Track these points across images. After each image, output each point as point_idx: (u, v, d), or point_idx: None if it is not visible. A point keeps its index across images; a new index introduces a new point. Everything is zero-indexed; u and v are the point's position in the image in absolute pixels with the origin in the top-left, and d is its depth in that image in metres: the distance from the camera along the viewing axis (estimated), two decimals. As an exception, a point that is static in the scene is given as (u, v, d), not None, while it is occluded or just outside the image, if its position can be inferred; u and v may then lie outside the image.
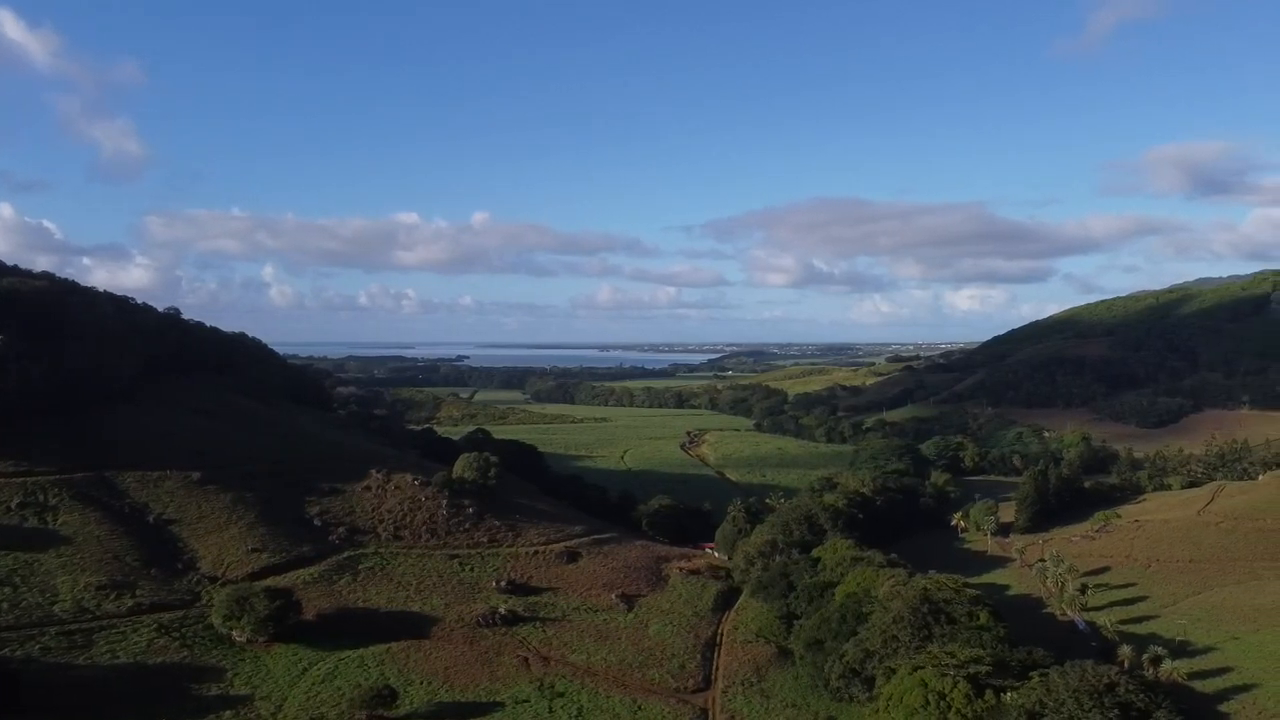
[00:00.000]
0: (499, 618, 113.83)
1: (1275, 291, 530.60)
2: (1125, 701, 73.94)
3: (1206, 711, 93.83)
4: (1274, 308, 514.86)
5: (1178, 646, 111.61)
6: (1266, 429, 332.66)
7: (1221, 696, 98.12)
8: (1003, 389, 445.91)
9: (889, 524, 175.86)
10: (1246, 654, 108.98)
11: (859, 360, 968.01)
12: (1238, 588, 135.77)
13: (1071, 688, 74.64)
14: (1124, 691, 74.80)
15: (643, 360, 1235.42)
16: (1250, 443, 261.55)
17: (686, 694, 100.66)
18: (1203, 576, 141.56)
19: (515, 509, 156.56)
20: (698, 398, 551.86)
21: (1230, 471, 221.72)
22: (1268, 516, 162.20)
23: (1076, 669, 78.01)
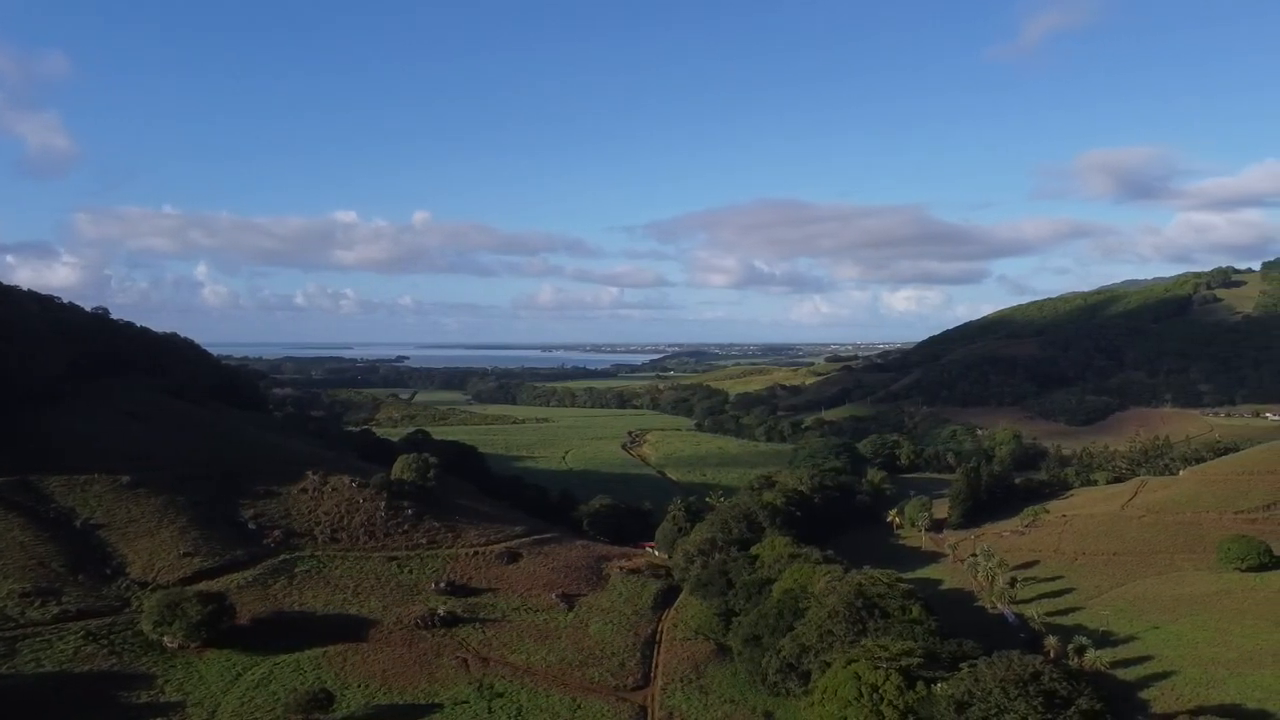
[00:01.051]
0: (438, 619, 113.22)
1: (1197, 294, 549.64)
2: (1049, 690, 76.38)
3: (1127, 698, 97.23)
4: (1196, 309, 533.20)
5: (1101, 636, 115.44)
6: (1187, 426, 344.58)
7: (1142, 684, 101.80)
8: (938, 388, 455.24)
9: (826, 521, 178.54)
10: (1166, 643, 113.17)
11: (799, 360, 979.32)
12: (1158, 579, 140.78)
13: (998, 678, 76.88)
14: (1048, 680, 77.26)
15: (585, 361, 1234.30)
16: (1171, 439, 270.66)
17: (626, 692, 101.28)
18: (1126, 569, 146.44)
19: (455, 510, 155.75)
20: (639, 398, 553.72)
21: (1153, 467, 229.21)
22: (1187, 510, 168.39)
23: (1003, 660, 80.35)
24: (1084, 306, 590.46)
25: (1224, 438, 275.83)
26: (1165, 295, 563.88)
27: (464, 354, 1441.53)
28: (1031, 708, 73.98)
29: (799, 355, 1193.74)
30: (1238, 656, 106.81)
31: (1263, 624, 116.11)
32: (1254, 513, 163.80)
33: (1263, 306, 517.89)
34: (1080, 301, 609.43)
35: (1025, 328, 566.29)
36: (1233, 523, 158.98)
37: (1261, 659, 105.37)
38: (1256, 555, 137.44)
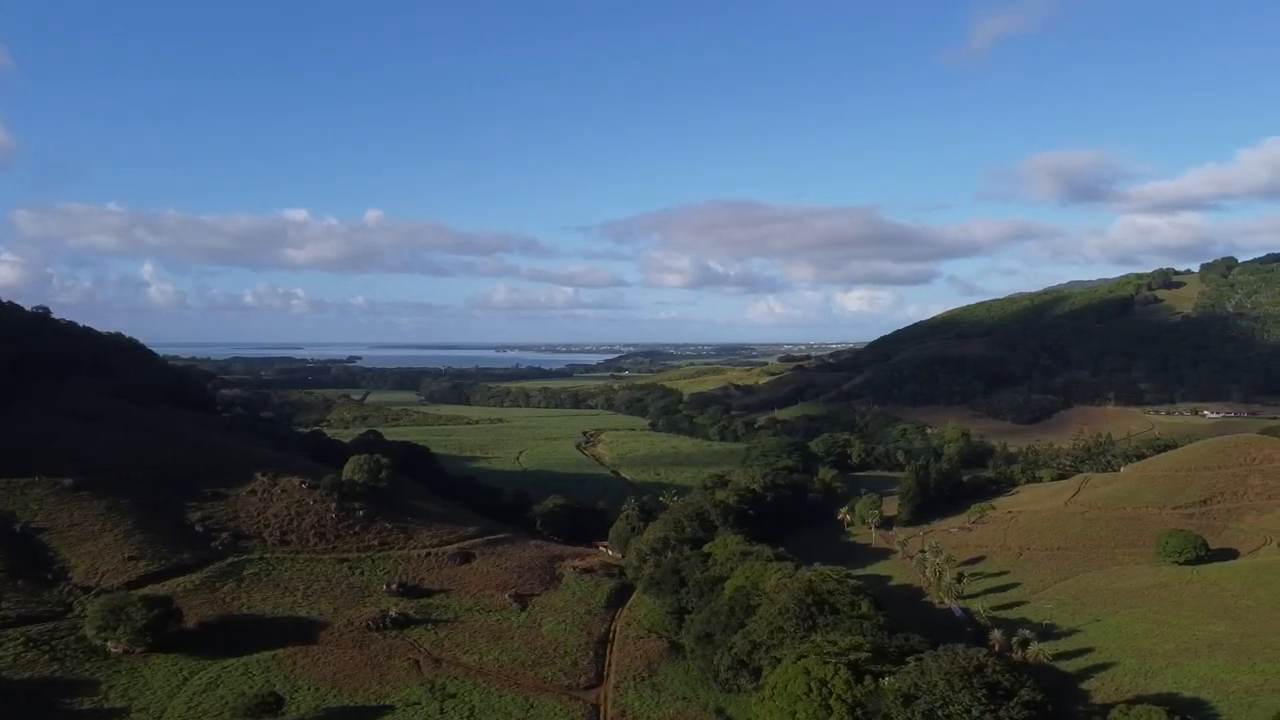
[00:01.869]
0: (390, 620, 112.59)
1: (1139, 295, 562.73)
2: (992, 682, 78.07)
3: (1069, 689, 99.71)
4: (1138, 310, 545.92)
5: (1045, 629, 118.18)
6: (1128, 423, 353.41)
7: (1083, 675, 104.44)
8: (888, 387, 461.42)
9: (778, 519, 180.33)
10: (1106, 635, 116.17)
11: (753, 360, 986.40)
12: (1100, 573, 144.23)
13: (943, 670, 78.41)
14: (991, 672, 78.96)
15: (540, 361, 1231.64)
16: (1113, 437, 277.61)
17: (579, 691, 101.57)
18: (1069, 563, 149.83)
19: (408, 511, 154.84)
20: (594, 398, 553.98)
21: (1095, 464, 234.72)
22: (1127, 506, 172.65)
23: (948, 653, 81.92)
24: (1031, 307, 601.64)
25: (1164, 435, 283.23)
26: (1109, 296, 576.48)
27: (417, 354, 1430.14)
28: (975, 699, 75.59)
29: (753, 355, 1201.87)
30: (1174, 647, 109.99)
31: (1198, 615, 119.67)
32: (1191, 508, 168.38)
33: (1201, 307, 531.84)
34: (1027, 302, 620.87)
35: (974, 328, 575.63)
36: (1171, 518, 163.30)
37: (1197, 649, 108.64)
38: (1193, 549, 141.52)
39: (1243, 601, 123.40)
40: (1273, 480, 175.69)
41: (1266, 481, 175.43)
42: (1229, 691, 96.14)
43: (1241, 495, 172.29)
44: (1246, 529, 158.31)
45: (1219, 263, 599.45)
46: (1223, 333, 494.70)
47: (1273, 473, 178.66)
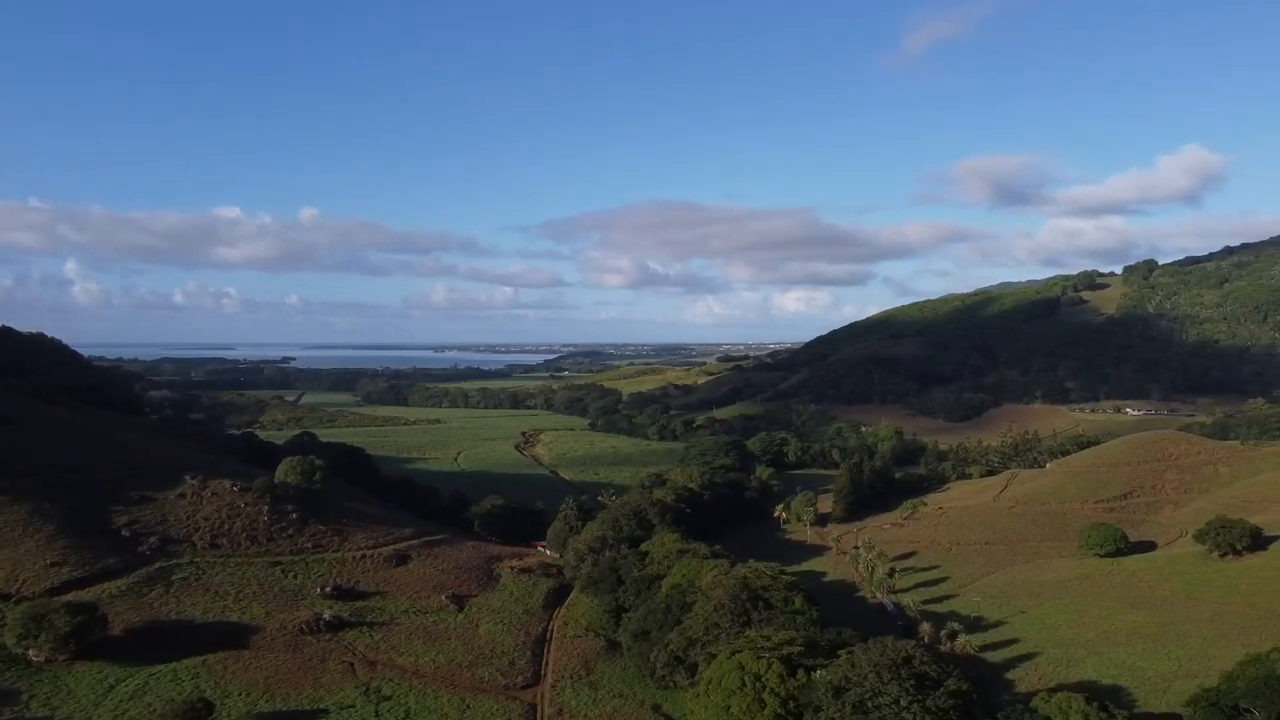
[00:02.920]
0: (324, 624, 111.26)
1: (1065, 296, 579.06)
2: (920, 673, 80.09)
3: (995, 679, 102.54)
4: (1064, 310, 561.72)
5: (972, 622, 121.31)
6: (1055, 421, 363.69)
7: (1008, 665, 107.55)
8: (824, 387, 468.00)
9: (716, 517, 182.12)
10: (1031, 626, 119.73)
11: (692, 360, 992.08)
12: (1026, 566, 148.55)
13: (873, 662, 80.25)
14: (919, 664, 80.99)
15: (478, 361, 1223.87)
16: (1040, 434, 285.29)
17: (516, 690, 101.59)
18: (996, 557, 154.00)
19: (343, 513, 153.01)
20: (534, 398, 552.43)
21: (1022, 461, 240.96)
22: (1052, 501, 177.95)
23: (878, 645, 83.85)
24: (962, 308, 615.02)
25: (1087, 432, 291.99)
26: (1036, 297, 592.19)
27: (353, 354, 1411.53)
28: (903, 690, 77.50)
29: (692, 355, 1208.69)
30: (1095, 636, 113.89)
31: (1118, 605, 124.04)
32: (1112, 502, 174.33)
33: (1123, 308, 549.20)
34: (958, 303, 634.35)
35: (907, 328, 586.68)
36: (1093, 511, 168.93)
37: (1116, 638, 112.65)
38: (1114, 541, 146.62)
39: (1159, 592, 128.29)
40: (1188, 475, 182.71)
41: (1182, 476, 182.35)
42: (1145, 678, 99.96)
43: (1159, 490, 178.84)
44: (1163, 522, 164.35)
45: (1140, 265, 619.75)
46: (1144, 333, 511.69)
47: (1188, 468, 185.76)
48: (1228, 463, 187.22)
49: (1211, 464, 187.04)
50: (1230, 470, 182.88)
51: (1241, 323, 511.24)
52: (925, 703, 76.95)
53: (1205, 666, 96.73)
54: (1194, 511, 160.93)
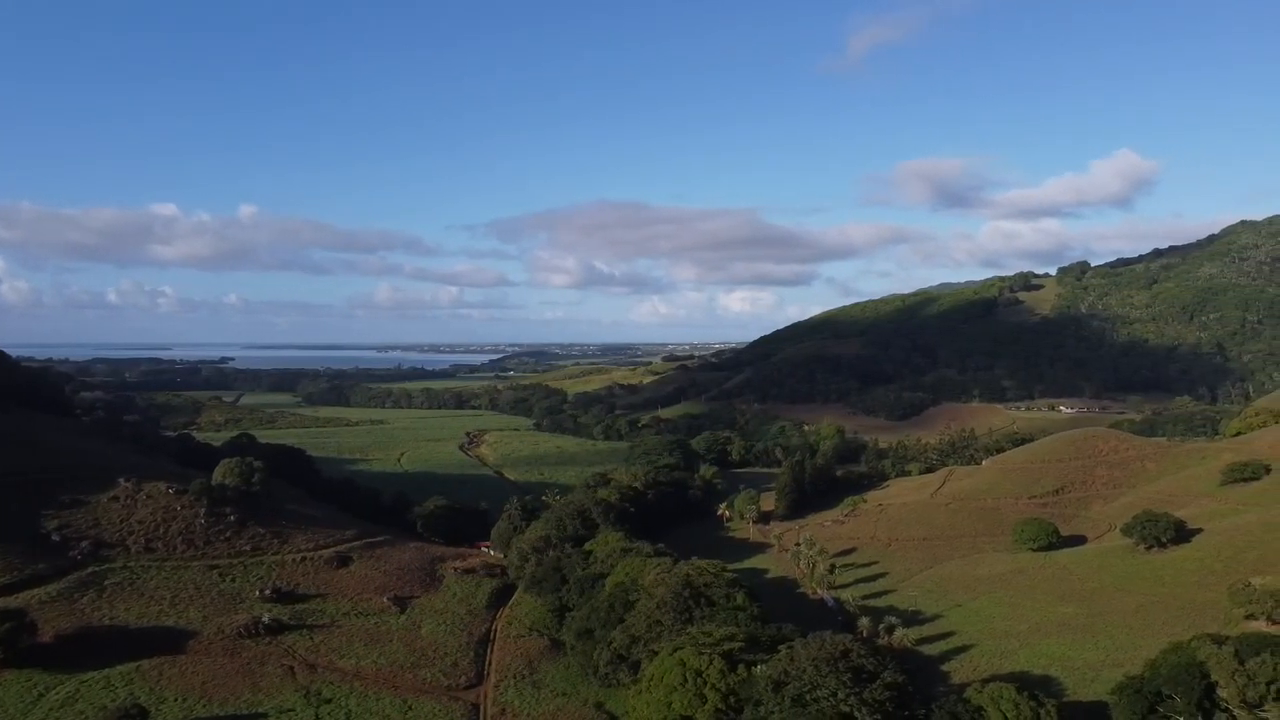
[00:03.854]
0: (263, 627, 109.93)
1: (1002, 296, 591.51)
2: (857, 666, 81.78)
3: (931, 671, 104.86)
4: (1001, 311, 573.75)
5: (910, 616, 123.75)
6: (991, 419, 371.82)
7: (944, 658, 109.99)
8: (768, 386, 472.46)
9: (660, 516, 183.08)
10: (966, 619, 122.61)
11: (637, 360, 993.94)
12: (962, 561, 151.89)
13: (812, 657, 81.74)
14: (856, 657, 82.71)
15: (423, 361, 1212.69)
16: (977, 432, 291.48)
17: (458, 691, 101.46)
18: (934, 552, 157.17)
19: (283, 515, 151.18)
20: (478, 398, 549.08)
21: (960, 458, 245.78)
22: (988, 497, 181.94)
23: (816, 640, 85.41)
24: (903, 308, 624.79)
25: (1022, 430, 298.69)
26: (974, 298, 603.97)
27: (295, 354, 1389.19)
28: (841, 683, 79.05)
29: (637, 355, 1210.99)
30: (1028, 628, 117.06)
31: (1050, 598, 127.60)
32: (1045, 497, 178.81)
33: (1058, 308, 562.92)
34: (899, 303, 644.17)
35: (850, 328, 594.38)
36: (1027, 507, 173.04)
37: (1048, 629, 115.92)
38: (1046, 536, 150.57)
39: (1089, 584, 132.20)
40: (1117, 471, 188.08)
41: (1112, 472, 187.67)
42: (1075, 668, 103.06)
43: (1090, 485, 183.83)
44: (1094, 516, 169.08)
45: (1074, 267, 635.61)
46: (1077, 333, 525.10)
47: (1117, 464, 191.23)
48: (1154, 459, 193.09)
49: (1139, 460, 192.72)
50: (1157, 466, 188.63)
51: (1169, 323, 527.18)
52: (862, 695, 78.56)
53: (1131, 655, 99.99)
54: (1122, 506, 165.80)
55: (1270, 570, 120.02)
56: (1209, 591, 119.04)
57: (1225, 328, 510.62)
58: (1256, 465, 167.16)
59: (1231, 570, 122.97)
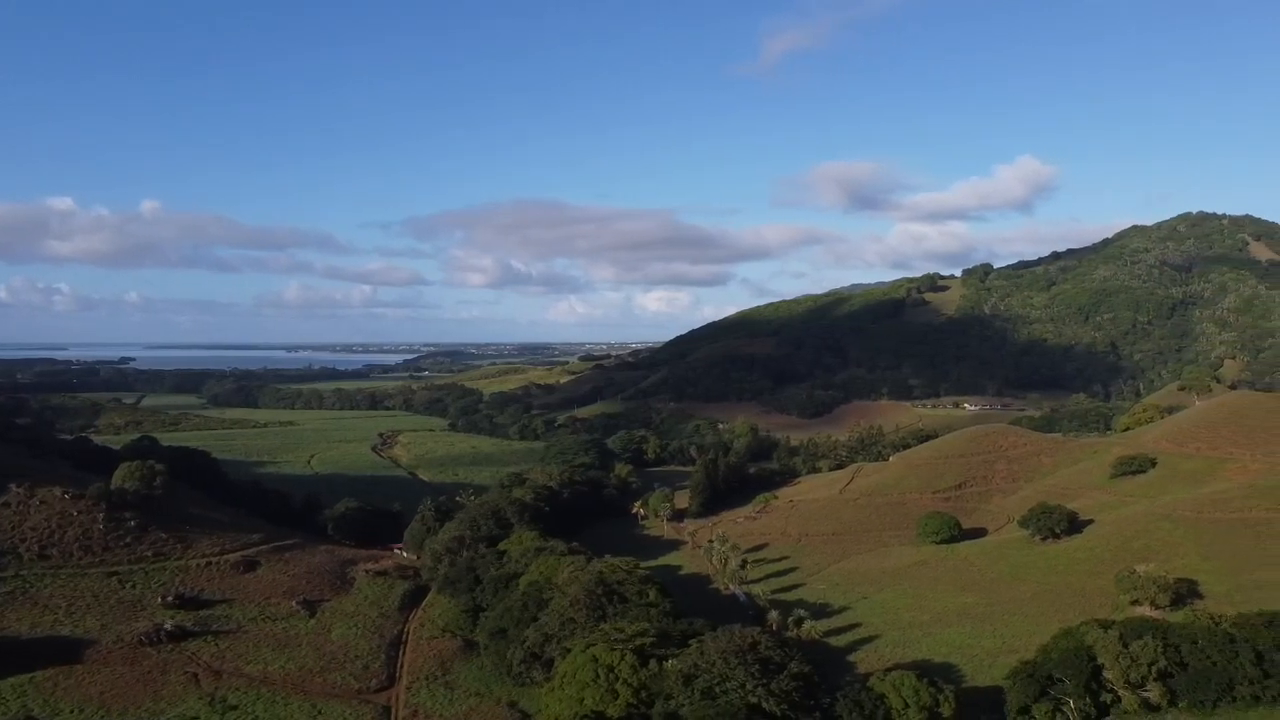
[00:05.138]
0: (165, 634, 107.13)
1: (909, 297, 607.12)
2: (765, 658, 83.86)
3: (838, 662, 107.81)
4: (908, 311, 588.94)
5: (819, 609, 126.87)
6: (899, 416, 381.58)
7: (850, 648, 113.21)
8: (684, 385, 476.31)
9: (575, 515, 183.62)
10: (872, 611, 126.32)
11: (554, 359, 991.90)
12: (869, 554, 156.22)
13: (721, 650, 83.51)
14: (764, 649, 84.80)
15: (334, 361, 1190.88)
16: (885, 429, 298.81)
17: (370, 694, 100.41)
18: (842, 546, 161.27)
19: (186, 519, 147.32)
20: (392, 399, 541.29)
21: (868, 454, 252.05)
22: (894, 492, 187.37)
23: (726, 634, 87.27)
24: (815, 308, 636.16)
25: (928, 427, 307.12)
26: (883, 298, 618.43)
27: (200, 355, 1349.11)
28: (749, 674, 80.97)
29: (555, 355, 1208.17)
30: (930, 618, 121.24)
31: (951, 589, 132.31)
32: (948, 492, 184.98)
33: (962, 309, 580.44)
34: (812, 303, 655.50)
35: (764, 327, 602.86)
36: (931, 501, 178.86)
37: (949, 619, 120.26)
38: (948, 529, 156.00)
39: (988, 575, 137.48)
40: (1016, 465, 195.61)
41: (1011, 467, 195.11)
42: (974, 655, 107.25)
43: (990, 479, 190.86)
44: (994, 509, 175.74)
45: (978, 268, 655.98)
46: (980, 333, 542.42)
47: (1016, 458, 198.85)
48: (1050, 454, 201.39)
49: (1036, 455, 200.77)
50: (1053, 461, 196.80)
51: (1066, 323, 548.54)
52: (770, 686, 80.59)
53: (1026, 642, 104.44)
54: (1020, 499, 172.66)
55: (1155, 558, 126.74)
56: (1099, 579, 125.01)
57: (1118, 328, 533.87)
58: (1144, 459, 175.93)
59: (1120, 558, 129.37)
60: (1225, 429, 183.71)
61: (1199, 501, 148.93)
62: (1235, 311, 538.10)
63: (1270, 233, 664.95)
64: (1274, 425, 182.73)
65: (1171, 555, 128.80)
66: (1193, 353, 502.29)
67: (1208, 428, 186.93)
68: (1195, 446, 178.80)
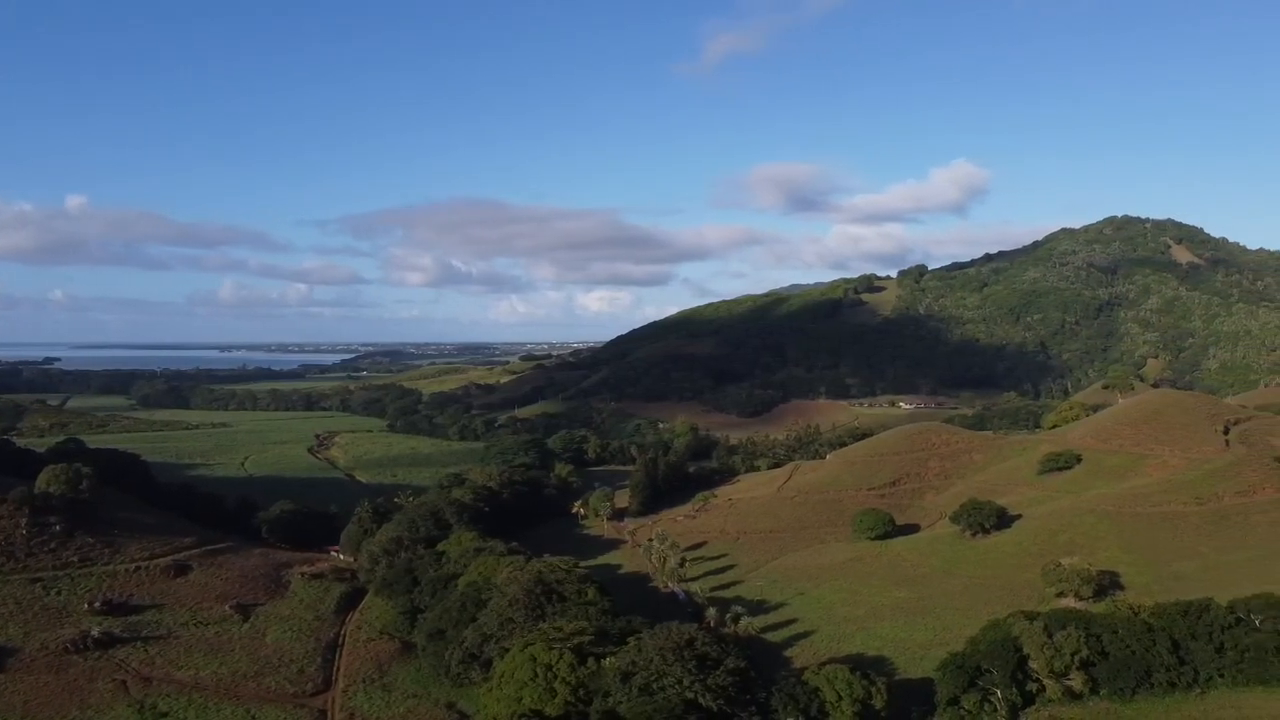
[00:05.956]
0: (92, 641, 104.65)
1: (846, 298, 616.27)
2: (702, 654, 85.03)
3: (775, 657, 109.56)
4: (846, 311, 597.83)
5: (756, 605, 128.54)
6: (836, 415, 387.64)
7: (787, 644, 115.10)
8: (625, 384, 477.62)
9: (516, 515, 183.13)
10: (808, 606, 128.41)
11: (495, 359, 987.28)
12: (806, 551, 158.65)
13: (658, 647, 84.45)
14: (700, 645, 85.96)
15: (270, 361, 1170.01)
16: (821, 428, 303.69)
17: (305, 698, 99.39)
18: (780, 544, 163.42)
19: (115, 524, 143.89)
20: (329, 399, 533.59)
21: (805, 453, 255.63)
22: (830, 490, 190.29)
23: (663, 630, 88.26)
24: (754, 308, 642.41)
25: (864, 425, 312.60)
26: (821, 299, 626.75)
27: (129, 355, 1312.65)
28: (686, 670, 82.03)
29: (495, 355, 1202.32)
30: (865, 613, 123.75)
31: (885, 584, 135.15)
32: (883, 488, 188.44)
33: (898, 309, 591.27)
34: (752, 304, 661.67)
35: (704, 327, 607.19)
36: (866, 498, 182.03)
37: (883, 613, 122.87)
38: (882, 525, 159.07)
39: (920, 569, 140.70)
40: (948, 462, 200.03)
41: (943, 464, 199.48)
42: (906, 648, 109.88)
43: (923, 477, 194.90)
44: (926, 506, 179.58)
45: (913, 270, 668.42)
46: (915, 333, 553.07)
47: (948, 456, 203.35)
48: (982, 451, 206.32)
49: (968, 452, 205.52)
50: (984, 457, 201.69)
51: (998, 323, 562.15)
52: (706, 682, 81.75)
53: (956, 634, 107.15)
54: (952, 496, 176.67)
55: (1079, 551, 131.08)
56: (1026, 572, 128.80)
57: (1047, 328, 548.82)
58: (1070, 455, 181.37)
59: (1046, 552, 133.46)
60: (1146, 426, 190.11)
61: (1121, 496, 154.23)
62: (1157, 312, 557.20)
63: (1190, 236, 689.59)
64: (1192, 423, 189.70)
65: (1095, 548, 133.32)
66: (1118, 352, 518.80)
67: (1130, 425, 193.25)
68: (1118, 443, 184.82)
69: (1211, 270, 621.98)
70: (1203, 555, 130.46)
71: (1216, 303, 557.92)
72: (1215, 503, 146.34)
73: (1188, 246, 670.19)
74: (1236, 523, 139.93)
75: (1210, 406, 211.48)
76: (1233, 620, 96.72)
